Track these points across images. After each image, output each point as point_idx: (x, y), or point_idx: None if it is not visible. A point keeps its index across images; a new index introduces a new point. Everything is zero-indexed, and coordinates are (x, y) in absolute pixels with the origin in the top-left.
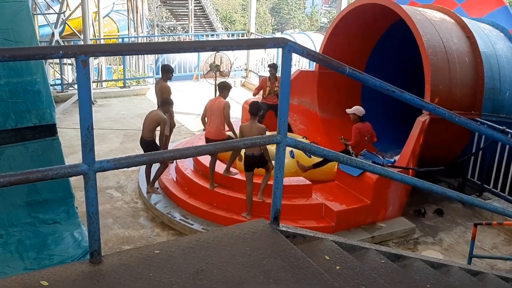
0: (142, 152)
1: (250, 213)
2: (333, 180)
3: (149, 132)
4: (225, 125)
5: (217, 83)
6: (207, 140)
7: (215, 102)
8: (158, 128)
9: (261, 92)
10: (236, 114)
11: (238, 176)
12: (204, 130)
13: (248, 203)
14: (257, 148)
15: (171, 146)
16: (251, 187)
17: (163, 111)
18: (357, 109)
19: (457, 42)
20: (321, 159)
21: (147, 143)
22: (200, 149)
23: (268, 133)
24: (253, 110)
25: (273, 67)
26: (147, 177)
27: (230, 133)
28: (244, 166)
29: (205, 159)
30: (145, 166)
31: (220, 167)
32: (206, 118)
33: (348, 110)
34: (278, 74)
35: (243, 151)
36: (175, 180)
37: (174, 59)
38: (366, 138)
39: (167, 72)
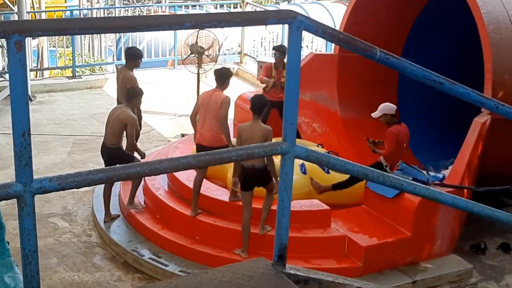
0: (101, 165)
1: (246, 249)
2: (359, 203)
3: (114, 137)
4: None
5: (215, 70)
6: (200, 148)
7: (212, 95)
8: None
9: (263, 83)
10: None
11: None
12: (195, 134)
13: (244, 235)
14: (259, 159)
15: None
16: (249, 213)
17: (131, 107)
18: (385, 107)
19: None
20: (344, 176)
21: (111, 152)
22: (177, 163)
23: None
24: (256, 106)
25: (280, 50)
26: (105, 201)
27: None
28: (241, 183)
29: (185, 175)
30: (103, 185)
31: (206, 186)
32: (198, 117)
33: (374, 114)
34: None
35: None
36: (143, 203)
37: (142, 40)
38: (404, 145)
39: (133, 57)
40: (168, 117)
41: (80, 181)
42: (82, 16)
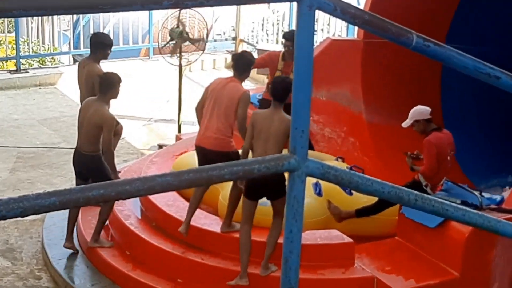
0: (54, 186)
1: (245, 274)
2: (392, 235)
3: (90, 144)
4: (234, 128)
5: (233, 54)
6: (200, 151)
7: (226, 86)
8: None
9: (266, 80)
10: None
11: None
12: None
13: (242, 256)
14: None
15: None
16: (249, 228)
17: (106, 100)
18: (415, 112)
19: None
20: (372, 199)
21: (86, 161)
22: (153, 183)
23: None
24: (279, 90)
25: (291, 39)
26: (69, 227)
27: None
28: (245, 187)
29: (163, 199)
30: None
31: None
32: (204, 111)
33: (405, 123)
34: None
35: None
36: (108, 237)
37: (107, 22)
38: (448, 157)
39: (101, 46)
40: (141, 123)
41: (26, 207)
42: None
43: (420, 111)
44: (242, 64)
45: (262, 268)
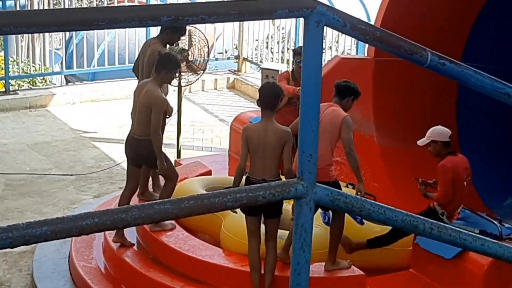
0: (44, 215)
1: None
2: (406, 267)
3: (142, 127)
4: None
5: (337, 83)
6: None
7: (326, 110)
8: None
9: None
10: (218, 141)
11: (223, 262)
12: None
13: (253, 275)
14: (273, 170)
15: (97, 204)
16: (256, 245)
17: (159, 82)
18: (434, 131)
19: None
20: (385, 228)
21: (138, 145)
22: (151, 211)
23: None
24: (268, 97)
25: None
26: None
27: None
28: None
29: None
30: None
31: (190, 244)
32: None
33: (421, 142)
34: None
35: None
36: (102, 270)
37: (102, 41)
38: (465, 183)
39: (171, 29)
40: None
41: (15, 238)
42: (18, 8)
43: (440, 132)
44: (343, 91)
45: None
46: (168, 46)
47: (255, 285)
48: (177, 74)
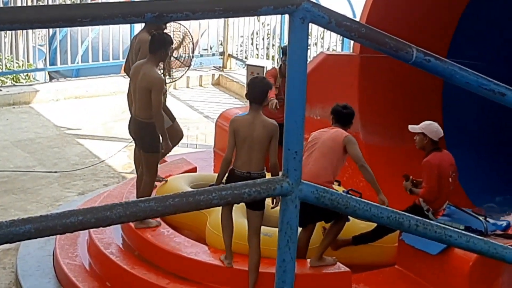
0: (29, 212)
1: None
2: (391, 263)
3: (144, 110)
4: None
5: (333, 108)
6: None
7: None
8: None
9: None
10: (203, 138)
11: (208, 259)
12: None
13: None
14: (259, 164)
15: (82, 201)
16: (228, 212)
17: (155, 61)
18: (428, 127)
19: None
20: (370, 225)
21: (141, 128)
22: (136, 209)
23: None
24: (256, 91)
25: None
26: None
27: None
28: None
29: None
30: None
31: (176, 241)
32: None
33: (413, 127)
34: None
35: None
36: (87, 267)
37: (85, 36)
38: (450, 179)
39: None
40: (123, 144)
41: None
42: (1, 4)
43: (434, 129)
44: (342, 117)
45: None
46: None
47: (226, 246)
48: (161, 71)
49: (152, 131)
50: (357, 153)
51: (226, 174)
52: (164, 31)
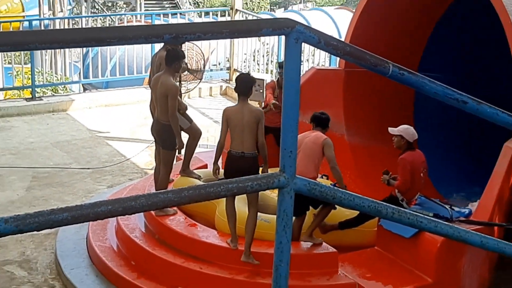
0: (66, 202)
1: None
2: (372, 245)
3: (165, 113)
4: (316, 170)
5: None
6: None
7: (311, 134)
8: None
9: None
10: (213, 139)
11: (217, 241)
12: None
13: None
14: (250, 145)
15: (111, 193)
16: (232, 201)
17: (171, 72)
18: (406, 130)
19: None
20: (354, 212)
21: (162, 129)
22: (156, 199)
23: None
24: (243, 86)
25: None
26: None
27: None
28: (224, 172)
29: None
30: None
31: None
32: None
33: (392, 130)
34: None
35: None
36: (115, 248)
37: (113, 54)
38: (421, 174)
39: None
40: (145, 145)
41: (41, 222)
42: (42, 28)
43: (411, 133)
44: (319, 121)
45: (244, 256)
46: None
47: (231, 231)
48: (177, 83)
49: (171, 132)
50: (332, 155)
51: (225, 156)
52: (179, 47)
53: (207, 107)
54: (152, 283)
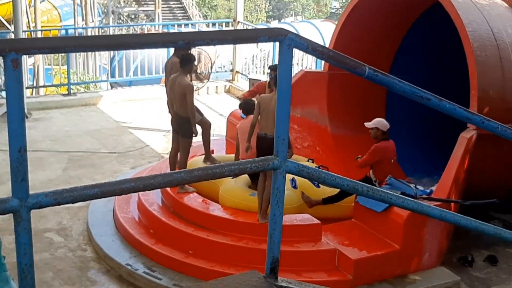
0: (96, 181)
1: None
2: (350, 217)
3: (183, 107)
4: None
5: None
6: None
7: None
8: None
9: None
10: (218, 130)
11: (221, 214)
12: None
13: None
14: (273, 128)
15: (131, 173)
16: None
17: (185, 73)
18: (380, 122)
19: None
20: (334, 190)
21: (181, 121)
22: (171, 178)
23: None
24: (275, 82)
25: (275, 70)
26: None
27: None
28: (256, 152)
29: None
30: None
31: (198, 202)
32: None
33: (368, 124)
34: None
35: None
36: (136, 219)
37: (136, 57)
38: (392, 161)
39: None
40: (161, 133)
41: (75, 196)
42: (76, 34)
43: (384, 123)
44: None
45: (261, 218)
46: None
47: (259, 204)
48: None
49: (188, 123)
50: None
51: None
52: (189, 52)
53: (213, 103)
54: (167, 248)
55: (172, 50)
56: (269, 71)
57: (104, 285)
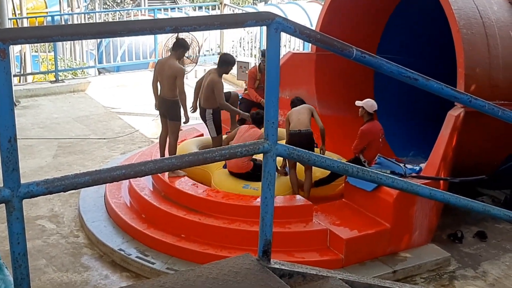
0: (86, 167)
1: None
2: (340, 197)
3: (171, 91)
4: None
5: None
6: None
7: (249, 129)
8: None
9: (244, 84)
10: None
11: (213, 197)
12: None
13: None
14: (305, 121)
15: (123, 159)
16: (294, 171)
17: (176, 56)
18: (367, 103)
19: (497, 10)
20: (325, 172)
21: (170, 104)
22: (162, 164)
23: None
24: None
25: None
26: (161, 150)
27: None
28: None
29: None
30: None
31: (190, 185)
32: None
33: (358, 102)
34: None
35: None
36: (128, 204)
37: (123, 43)
38: (380, 140)
39: (225, 64)
40: (150, 118)
41: (66, 184)
42: (63, 22)
43: (370, 104)
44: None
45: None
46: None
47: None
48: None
49: (176, 106)
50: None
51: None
52: (181, 38)
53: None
54: (159, 232)
55: (160, 35)
56: (259, 55)
57: (98, 270)
